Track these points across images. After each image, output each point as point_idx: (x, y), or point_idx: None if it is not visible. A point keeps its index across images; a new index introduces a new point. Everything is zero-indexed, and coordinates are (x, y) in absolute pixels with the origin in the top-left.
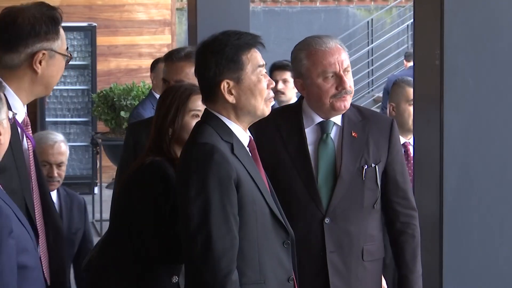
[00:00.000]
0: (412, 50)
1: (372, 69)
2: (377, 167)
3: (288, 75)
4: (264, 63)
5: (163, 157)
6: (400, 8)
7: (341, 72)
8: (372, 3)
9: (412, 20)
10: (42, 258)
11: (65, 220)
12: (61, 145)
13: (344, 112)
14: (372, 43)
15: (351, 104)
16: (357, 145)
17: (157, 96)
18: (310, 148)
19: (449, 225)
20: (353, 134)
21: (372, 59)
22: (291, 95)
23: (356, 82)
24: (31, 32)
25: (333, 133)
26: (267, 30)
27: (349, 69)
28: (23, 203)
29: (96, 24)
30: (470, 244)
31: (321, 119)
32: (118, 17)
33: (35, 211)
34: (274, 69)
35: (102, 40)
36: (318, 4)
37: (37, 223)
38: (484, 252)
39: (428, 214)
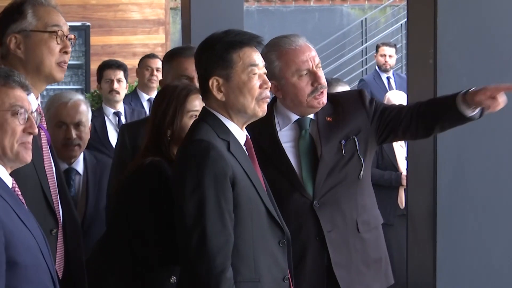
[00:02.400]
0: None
1: (366, 68)
2: (356, 138)
3: (121, 74)
4: (260, 63)
5: (162, 157)
6: (394, 7)
7: (315, 69)
8: (366, 2)
9: (406, 19)
10: (57, 252)
11: (92, 194)
12: (77, 103)
13: (318, 109)
14: (366, 42)
15: None
16: (333, 126)
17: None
18: (290, 145)
19: (442, 224)
20: (328, 119)
21: (366, 58)
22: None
23: (350, 81)
24: (1, 21)
25: (310, 128)
26: (261, 30)
27: (320, 65)
28: (40, 190)
29: (90, 24)
30: (464, 242)
31: (297, 117)
32: (112, 16)
33: (53, 202)
34: (107, 68)
35: (96, 40)
36: (312, 3)
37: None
38: (477, 250)
39: (421, 212)
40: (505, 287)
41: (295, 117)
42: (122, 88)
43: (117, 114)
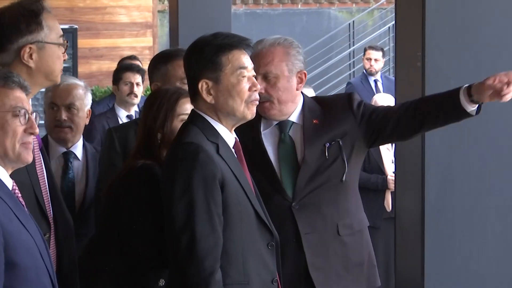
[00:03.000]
0: None
1: (354, 71)
2: (340, 141)
3: (140, 79)
4: (249, 65)
5: (153, 160)
6: (382, 10)
7: (257, 76)
8: (354, 5)
9: (393, 22)
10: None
11: (92, 178)
12: (71, 86)
13: (272, 117)
14: (353, 45)
15: (311, 97)
16: (319, 129)
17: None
18: (271, 148)
19: (431, 226)
20: (314, 121)
21: (353, 61)
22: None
23: (337, 84)
24: (13, 29)
25: (292, 131)
26: (249, 33)
27: (274, 76)
28: (33, 195)
29: (77, 27)
30: (452, 244)
31: (276, 121)
32: (99, 19)
33: (46, 206)
34: (127, 71)
35: (83, 43)
36: (299, 6)
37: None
38: (465, 252)
39: (410, 215)
40: None
41: (275, 120)
42: (139, 92)
43: (130, 117)
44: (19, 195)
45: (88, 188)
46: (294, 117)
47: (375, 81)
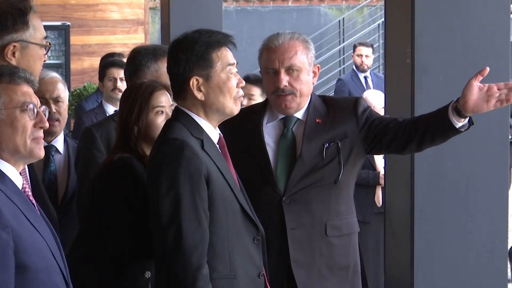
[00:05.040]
0: None
1: (344, 68)
2: (339, 143)
3: (123, 74)
4: (235, 62)
5: (131, 154)
6: (371, 7)
7: (280, 70)
8: (344, 2)
9: (383, 19)
10: None
11: (74, 170)
12: (55, 79)
13: (287, 110)
14: (343, 42)
15: (319, 95)
16: (321, 128)
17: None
18: (272, 141)
19: (420, 222)
20: (317, 120)
21: (343, 58)
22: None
23: (327, 81)
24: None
25: (296, 127)
26: (239, 29)
27: (297, 69)
28: None
29: (69, 23)
30: (441, 240)
31: (283, 115)
32: (91, 16)
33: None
34: (111, 67)
35: (75, 39)
36: (290, 3)
37: None
38: (454, 248)
39: (399, 211)
40: (481, 285)
41: (281, 115)
42: (124, 86)
43: None
44: (30, 193)
45: (70, 180)
46: (300, 114)
47: (365, 77)
